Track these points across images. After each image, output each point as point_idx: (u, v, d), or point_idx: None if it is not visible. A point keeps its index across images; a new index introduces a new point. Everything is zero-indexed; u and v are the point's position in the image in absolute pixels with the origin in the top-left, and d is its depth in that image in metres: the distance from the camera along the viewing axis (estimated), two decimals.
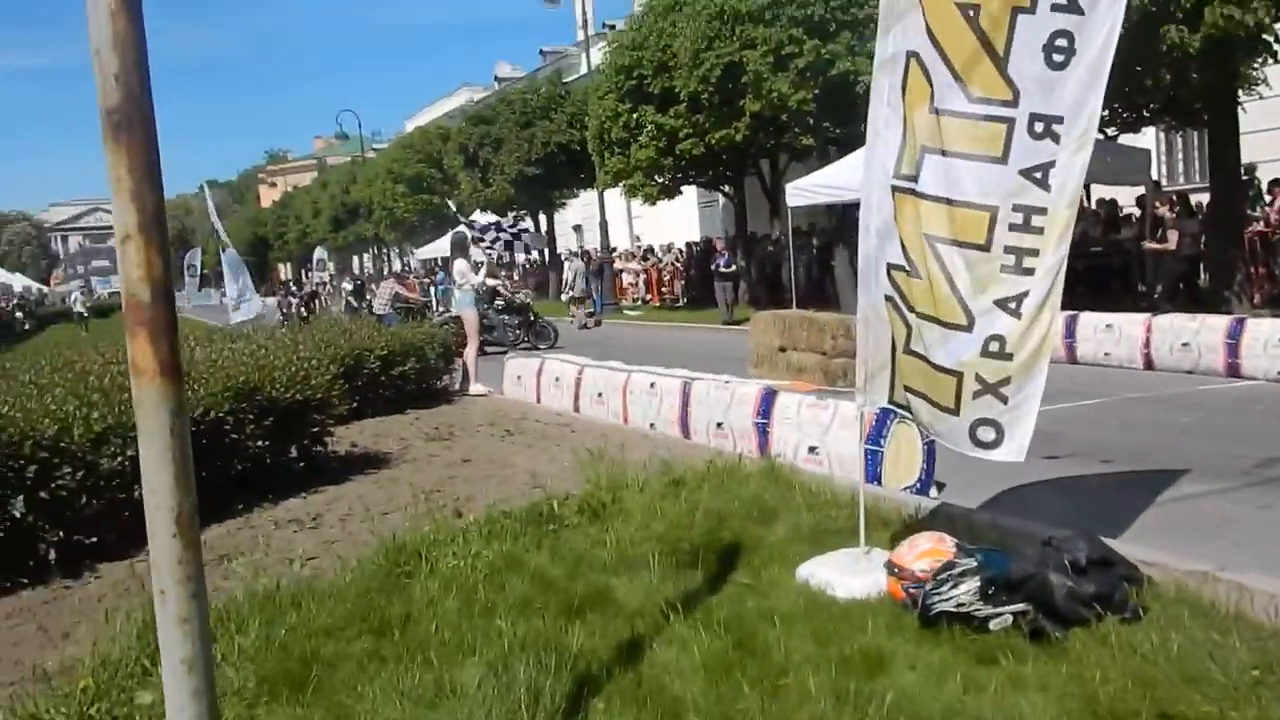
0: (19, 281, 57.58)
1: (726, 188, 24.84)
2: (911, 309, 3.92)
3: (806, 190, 16.49)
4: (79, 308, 39.58)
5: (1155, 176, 18.68)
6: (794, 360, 11.84)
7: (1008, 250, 3.65)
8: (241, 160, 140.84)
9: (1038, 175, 3.60)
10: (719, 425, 7.62)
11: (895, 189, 3.93)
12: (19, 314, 40.16)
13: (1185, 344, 10.59)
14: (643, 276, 29.83)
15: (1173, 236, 14.25)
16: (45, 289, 76.41)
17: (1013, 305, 3.65)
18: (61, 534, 4.81)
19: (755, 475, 5.84)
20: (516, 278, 32.33)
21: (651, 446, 7.42)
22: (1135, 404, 9.23)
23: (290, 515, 5.77)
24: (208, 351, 6.84)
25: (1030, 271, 3.62)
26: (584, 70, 29.67)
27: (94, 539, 4.90)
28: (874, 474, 5.95)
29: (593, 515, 5.14)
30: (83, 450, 4.91)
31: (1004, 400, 3.70)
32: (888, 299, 4.05)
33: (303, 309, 26.29)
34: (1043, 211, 3.60)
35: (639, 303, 28.81)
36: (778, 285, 23.34)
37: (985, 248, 3.68)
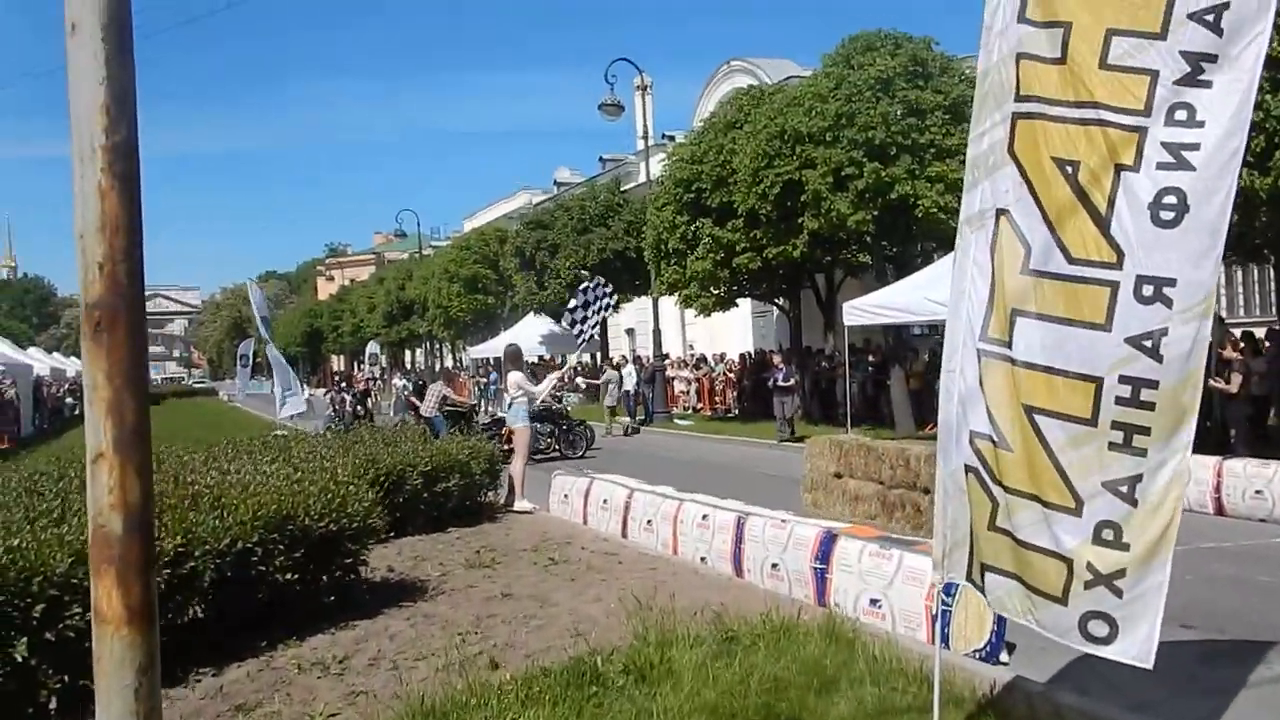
0: (72, 365, 58.79)
1: (782, 301, 24.70)
2: (999, 482, 3.58)
3: (864, 310, 16.24)
4: None
5: (1217, 309, 18.21)
6: (850, 488, 11.41)
7: (1115, 426, 3.31)
8: (302, 252, 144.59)
9: (1147, 344, 3.28)
10: (774, 566, 7.23)
11: (982, 353, 3.64)
12: (69, 399, 40.13)
13: (1258, 491, 10.06)
14: (695, 385, 29.61)
15: (1236, 380, 13.69)
16: None
17: (1125, 489, 3.29)
18: (65, 679, 4.47)
19: (815, 633, 5.44)
20: (568, 379, 32.28)
21: (703, 587, 7.06)
22: (1211, 556, 8.67)
23: (316, 656, 5.44)
24: (240, 474, 6.61)
25: (1143, 452, 3.27)
26: (642, 178, 30.07)
27: None
28: (944, 634, 5.53)
29: (639, 676, 4.76)
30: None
31: (1118, 594, 3.31)
32: (969, 469, 3.72)
33: (358, 406, 25.94)
34: (1154, 385, 3.27)
35: (690, 411, 28.52)
36: (831, 401, 22.97)
37: (1091, 422, 3.35)
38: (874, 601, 6.25)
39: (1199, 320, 3.24)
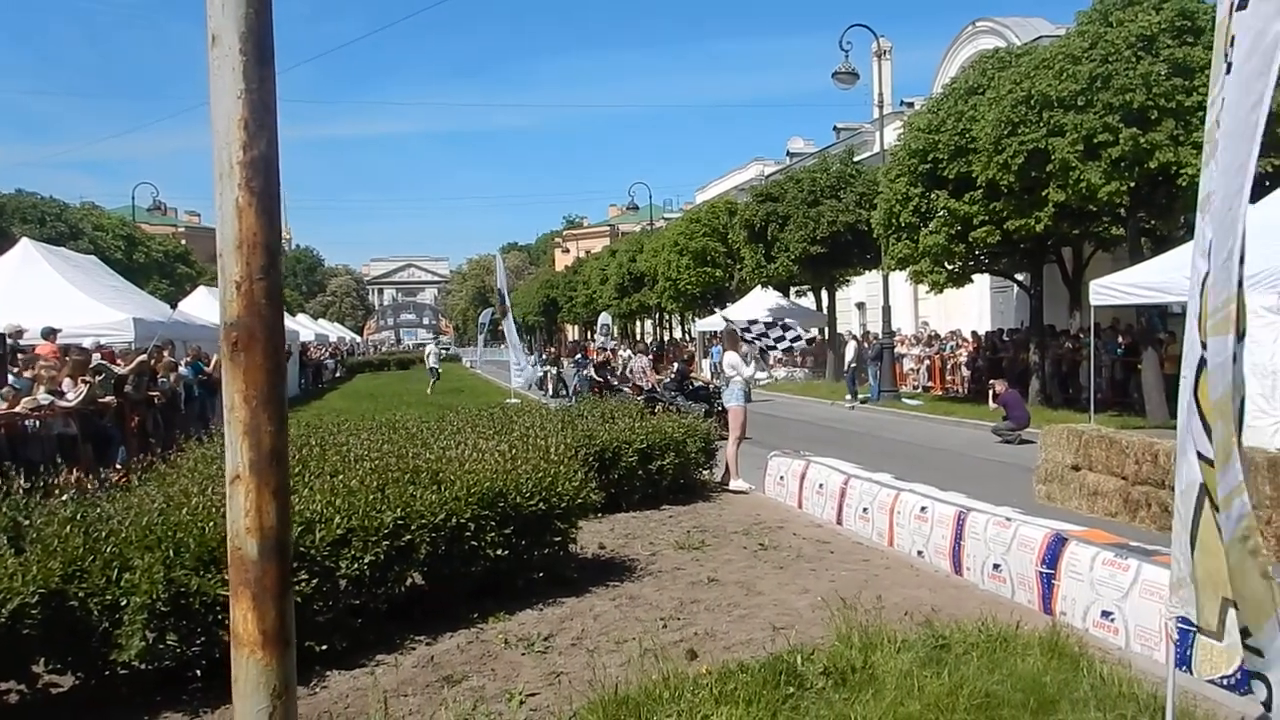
0: (335, 331, 63.76)
1: (1022, 276, 23.23)
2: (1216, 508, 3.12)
3: (1114, 289, 14.96)
4: (433, 362, 36.00)
5: None
6: (1089, 482, 10.57)
7: None
8: (542, 224, 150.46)
9: None
10: (996, 567, 6.78)
11: (1201, 360, 3.16)
12: (330, 361, 43.23)
13: None
14: (925, 364, 28.48)
15: None
16: (359, 339, 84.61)
17: None
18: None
19: (1035, 646, 5.03)
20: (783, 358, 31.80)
21: (916, 584, 6.72)
22: None
23: (522, 631, 5.58)
24: (459, 449, 6.86)
25: None
26: (877, 149, 29.06)
27: (324, 646, 4.90)
28: (1183, 655, 4.97)
29: (839, 679, 4.56)
30: (322, 555, 4.94)
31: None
32: (1203, 489, 3.25)
33: (608, 376, 25.53)
34: None
35: (920, 390, 27.48)
36: (1074, 385, 21.46)
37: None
38: (1106, 614, 5.73)
39: None
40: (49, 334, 13.29)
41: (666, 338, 54.36)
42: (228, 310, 1.60)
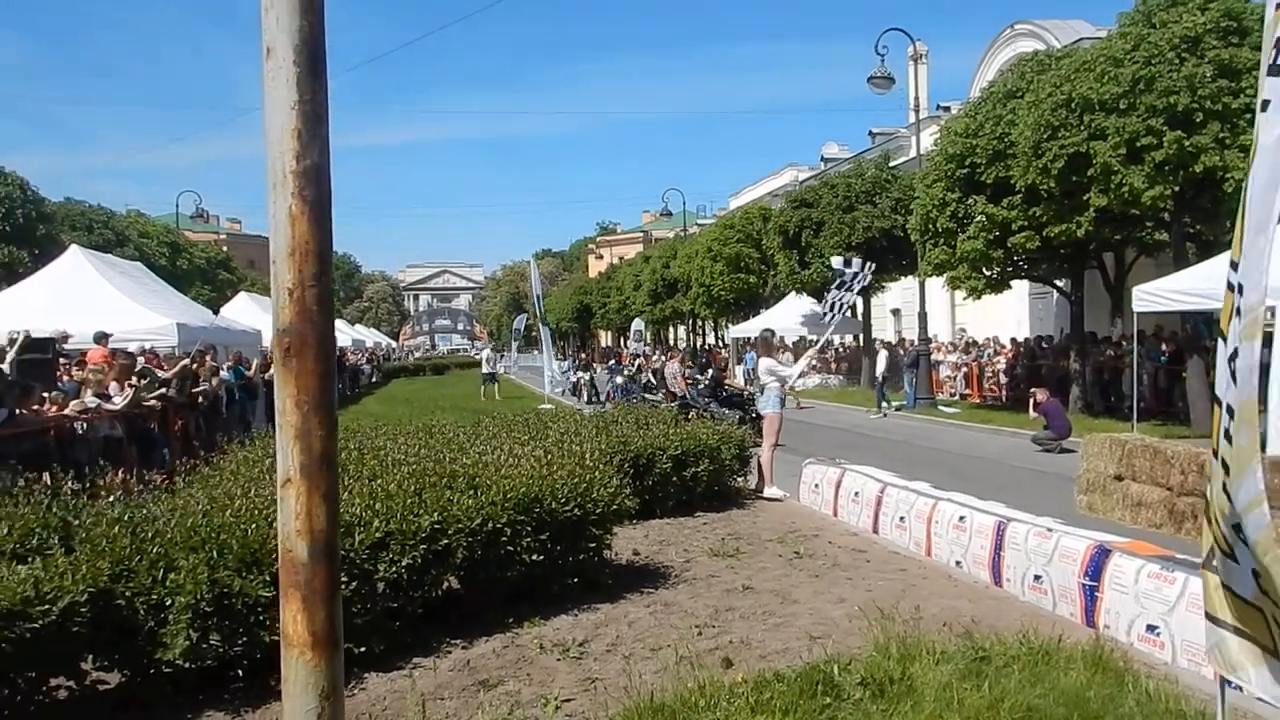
0: (371, 336, 64.20)
1: (1062, 282, 22.96)
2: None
3: (1158, 295, 14.75)
4: (488, 368, 34.14)
5: None
6: (1132, 492, 10.41)
7: None
8: (575, 230, 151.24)
9: None
10: (1037, 578, 6.70)
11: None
12: (366, 365, 43.52)
13: None
14: (963, 371, 28.21)
15: None
16: (394, 344, 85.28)
17: None
18: None
19: (1079, 660, 4.96)
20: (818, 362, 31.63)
21: (955, 594, 6.65)
22: None
23: (557, 637, 5.59)
24: (495, 454, 6.89)
25: None
26: (913, 154, 28.86)
27: (362, 649, 4.93)
28: None
29: (877, 691, 4.52)
30: (360, 558, 4.98)
31: None
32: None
33: (648, 380, 25.35)
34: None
35: (957, 398, 27.23)
36: (1116, 393, 21.17)
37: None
38: (1151, 629, 5.64)
39: None
40: (100, 338, 13.53)
41: (700, 343, 54.27)
42: (280, 316, 1.62)
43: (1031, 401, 18.13)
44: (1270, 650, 2.93)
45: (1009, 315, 30.92)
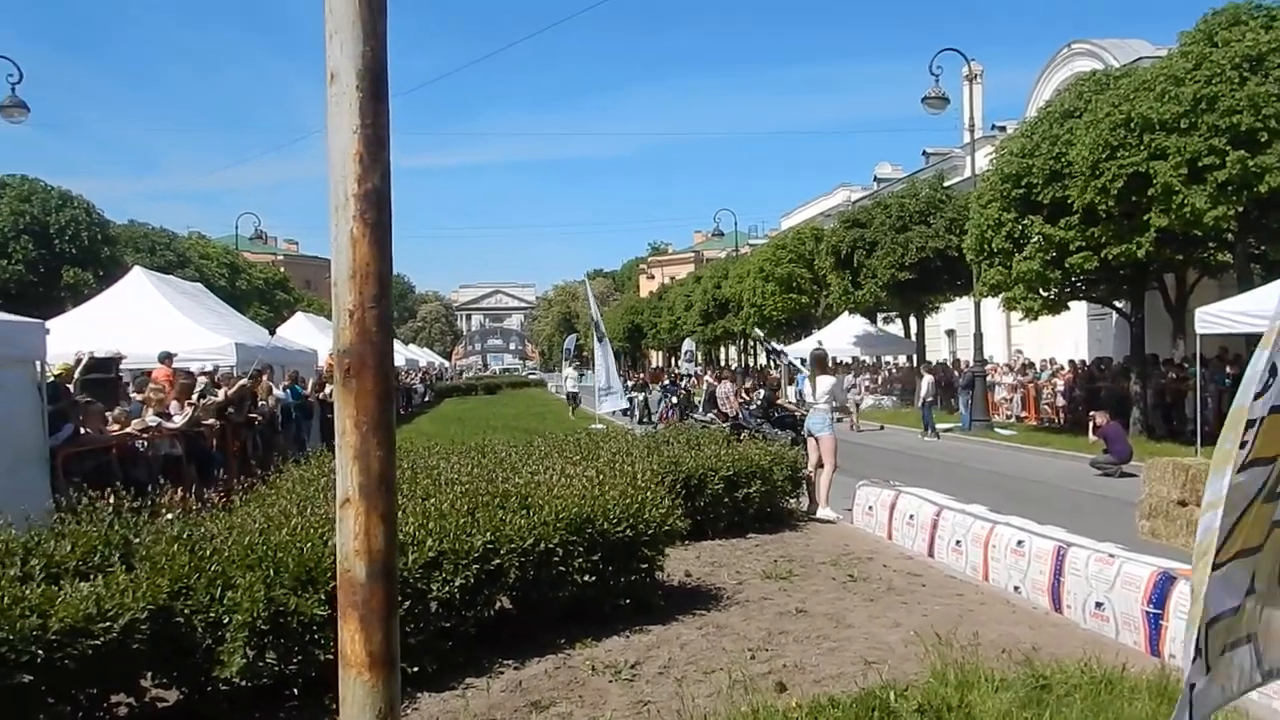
0: (424, 356, 64.85)
1: (1122, 304, 22.52)
2: None
3: (1221, 317, 14.41)
4: (571, 386, 35.10)
5: None
6: (1195, 518, 10.13)
7: None
8: (627, 251, 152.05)
9: None
10: (1099, 605, 6.53)
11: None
12: (419, 385, 43.96)
13: None
14: (1019, 393, 27.75)
15: None
16: (447, 364, 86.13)
17: None
18: None
19: (1144, 690, 4.82)
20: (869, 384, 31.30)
21: (1013, 621, 6.52)
22: None
23: (609, 659, 5.57)
24: (546, 474, 6.90)
25: None
26: (967, 174, 28.57)
27: (415, 668, 4.95)
28: None
29: (935, 718, 4.43)
30: (414, 577, 5.00)
31: None
32: None
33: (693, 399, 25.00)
34: None
35: (1013, 420, 26.77)
36: (1178, 416, 20.67)
37: None
38: None
39: None
40: (165, 358, 13.80)
41: (751, 364, 54.05)
42: (340, 338, 1.63)
43: (1091, 424, 17.75)
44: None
45: (1066, 336, 30.39)
